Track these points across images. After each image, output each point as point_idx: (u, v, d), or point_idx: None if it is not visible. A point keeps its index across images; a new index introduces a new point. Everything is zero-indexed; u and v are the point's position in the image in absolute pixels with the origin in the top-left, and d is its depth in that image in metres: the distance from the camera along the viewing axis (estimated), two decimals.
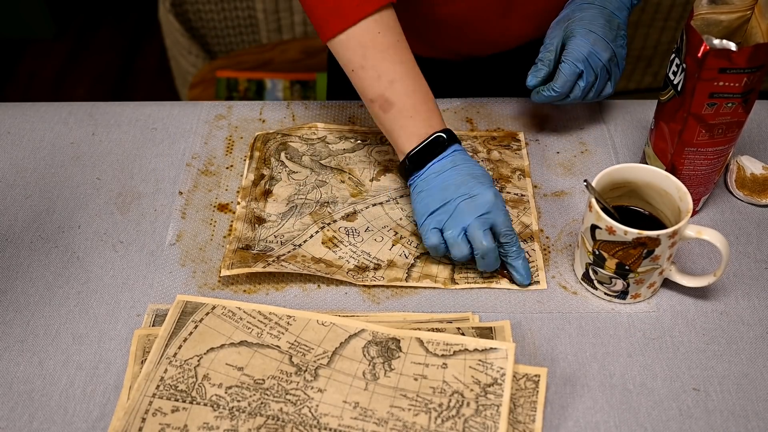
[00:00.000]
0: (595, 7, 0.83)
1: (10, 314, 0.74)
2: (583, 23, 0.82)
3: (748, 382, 0.68)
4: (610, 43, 0.82)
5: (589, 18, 0.82)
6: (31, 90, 2.30)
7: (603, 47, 0.81)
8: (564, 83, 0.82)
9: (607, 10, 0.83)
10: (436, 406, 0.64)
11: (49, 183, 0.87)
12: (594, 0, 0.84)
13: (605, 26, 0.82)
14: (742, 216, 0.82)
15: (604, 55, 0.81)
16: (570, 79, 0.82)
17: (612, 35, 0.82)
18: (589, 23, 0.82)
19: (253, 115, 0.94)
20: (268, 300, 0.75)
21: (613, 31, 0.82)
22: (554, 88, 0.82)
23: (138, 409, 0.64)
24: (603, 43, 0.81)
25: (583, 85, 0.82)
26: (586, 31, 0.81)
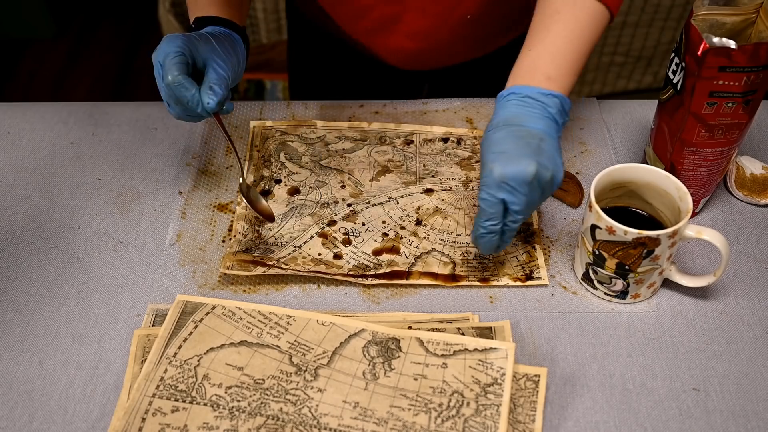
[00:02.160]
0: (500, 129, 0.70)
1: (10, 314, 0.74)
2: (490, 149, 0.69)
3: (748, 382, 0.68)
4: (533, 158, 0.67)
5: (495, 140, 0.70)
6: (31, 90, 2.30)
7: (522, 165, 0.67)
8: (488, 217, 0.69)
9: (515, 127, 0.70)
10: (436, 406, 0.64)
11: (49, 183, 0.87)
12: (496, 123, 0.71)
13: (519, 143, 0.68)
14: (742, 216, 0.82)
15: (525, 173, 0.66)
16: (493, 210, 0.68)
17: (532, 150, 0.68)
18: (496, 145, 0.69)
19: (253, 115, 0.94)
20: (268, 300, 0.75)
21: (531, 146, 0.68)
22: (481, 224, 0.70)
23: (138, 409, 0.64)
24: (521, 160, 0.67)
25: (515, 209, 0.68)
26: (495, 154, 0.68)
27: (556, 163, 0.69)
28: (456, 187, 0.85)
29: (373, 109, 0.95)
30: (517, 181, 0.67)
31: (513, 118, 0.70)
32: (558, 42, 0.73)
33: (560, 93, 0.72)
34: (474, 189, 0.84)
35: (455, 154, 0.89)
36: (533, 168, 0.66)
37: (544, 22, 0.74)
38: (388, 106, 0.95)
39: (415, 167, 0.87)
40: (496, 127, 0.71)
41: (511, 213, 0.69)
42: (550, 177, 0.68)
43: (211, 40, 0.77)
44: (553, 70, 0.72)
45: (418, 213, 0.82)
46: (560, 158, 0.70)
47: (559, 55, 0.73)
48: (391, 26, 0.89)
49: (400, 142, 0.90)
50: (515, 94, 0.72)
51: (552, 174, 0.68)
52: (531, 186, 0.67)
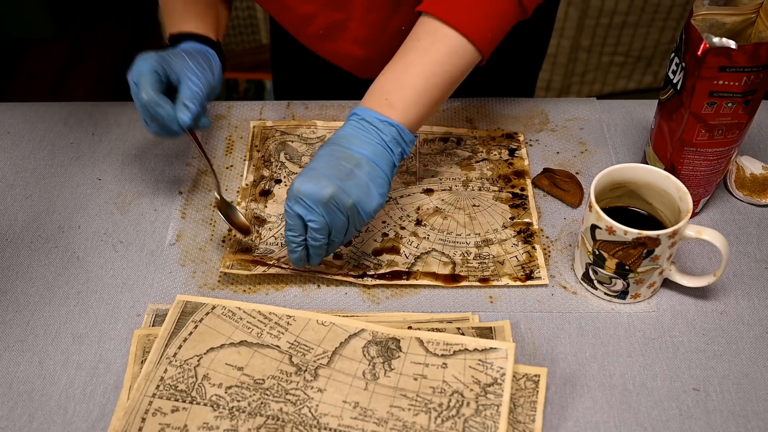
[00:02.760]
0: (326, 146, 0.70)
1: (10, 314, 0.74)
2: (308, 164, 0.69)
3: (748, 382, 0.68)
4: (334, 181, 0.66)
5: (317, 155, 0.69)
6: (31, 90, 2.30)
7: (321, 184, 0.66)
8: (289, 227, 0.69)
9: (339, 147, 0.69)
10: (436, 405, 0.64)
11: (49, 183, 0.87)
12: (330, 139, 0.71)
13: (331, 163, 0.68)
14: (742, 216, 0.82)
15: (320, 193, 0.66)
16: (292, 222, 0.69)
17: (340, 173, 0.67)
18: (314, 160, 0.69)
19: (253, 115, 0.94)
20: (268, 300, 0.75)
21: (342, 169, 0.67)
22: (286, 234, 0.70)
23: (138, 409, 0.64)
24: (321, 179, 0.66)
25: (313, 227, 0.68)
26: (306, 168, 0.68)
27: (365, 192, 0.68)
28: (456, 187, 0.85)
29: None
30: (312, 200, 0.67)
31: (342, 138, 0.70)
32: (410, 71, 0.71)
33: (398, 122, 0.70)
34: (474, 189, 0.85)
35: (455, 154, 0.89)
36: (329, 190, 0.66)
37: (404, 49, 0.73)
38: None
39: (415, 167, 0.87)
40: (326, 144, 0.71)
41: (310, 230, 0.68)
42: (351, 204, 0.67)
43: (184, 57, 0.77)
44: (398, 98, 0.71)
45: (418, 213, 0.82)
46: (377, 188, 0.69)
47: (408, 85, 0.71)
48: (337, 33, 0.88)
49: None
50: (356, 115, 0.71)
51: (354, 201, 0.67)
52: (328, 207, 0.67)
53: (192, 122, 0.75)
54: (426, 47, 0.72)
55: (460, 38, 0.71)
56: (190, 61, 0.77)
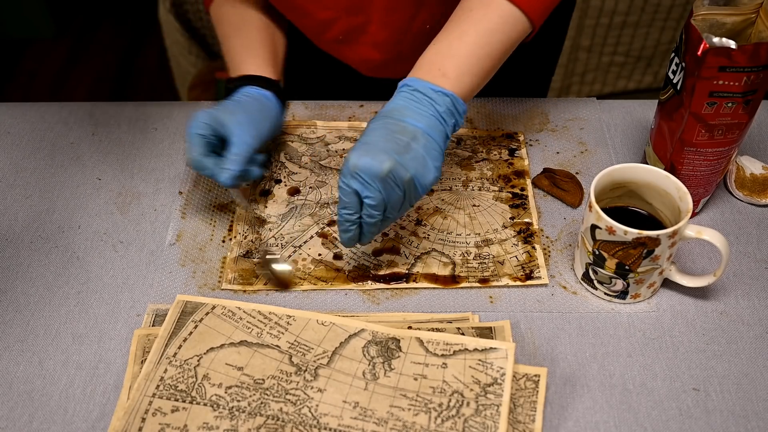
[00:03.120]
0: (379, 119, 0.69)
1: (10, 314, 0.74)
2: (361, 137, 0.69)
3: (748, 382, 0.68)
4: (392, 155, 0.65)
5: (370, 129, 0.68)
6: (31, 90, 2.30)
7: (378, 159, 0.65)
8: (344, 205, 0.68)
9: (392, 120, 0.68)
10: (436, 405, 0.64)
11: (49, 183, 0.87)
12: (382, 111, 0.70)
13: (387, 137, 0.67)
14: (742, 216, 0.82)
15: (378, 168, 0.65)
16: (347, 200, 0.67)
17: (397, 147, 0.66)
18: (367, 134, 0.68)
19: None
20: (268, 300, 0.75)
21: (399, 142, 0.66)
22: (338, 212, 0.69)
23: (138, 409, 0.64)
24: (379, 154, 0.65)
25: (369, 203, 0.66)
26: (360, 143, 0.67)
27: (423, 165, 0.67)
28: (456, 187, 0.85)
29: (373, 109, 0.95)
30: (369, 175, 0.65)
31: (395, 111, 0.69)
32: (464, 40, 0.71)
33: (452, 92, 0.69)
34: (474, 189, 0.85)
35: (455, 154, 0.89)
36: (388, 165, 0.65)
37: (455, 19, 0.72)
38: None
39: None
40: (377, 117, 0.69)
41: (366, 207, 0.67)
42: (409, 178, 0.66)
43: (235, 110, 0.78)
44: (451, 67, 0.70)
45: (418, 213, 0.82)
46: (433, 161, 0.68)
47: (461, 54, 0.70)
48: (356, 37, 0.88)
49: None
50: (408, 86, 0.70)
51: (412, 175, 0.66)
52: (385, 183, 0.65)
53: (233, 181, 0.76)
54: (479, 17, 0.71)
55: (513, 8, 0.71)
56: (241, 114, 0.78)
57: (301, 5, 0.86)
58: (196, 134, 0.76)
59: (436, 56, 0.71)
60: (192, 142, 0.76)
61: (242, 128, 0.77)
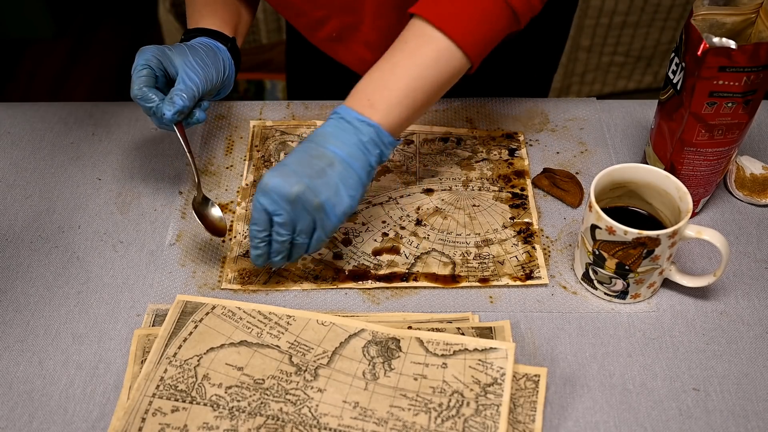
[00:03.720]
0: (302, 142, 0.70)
1: (10, 314, 0.74)
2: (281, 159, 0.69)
3: (748, 382, 0.68)
4: (303, 179, 0.66)
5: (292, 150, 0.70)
6: (31, 90, 2.30)
7: (289, 181, 0.66)
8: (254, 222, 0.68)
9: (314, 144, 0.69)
10: (436, 405, 0.64)
11: (49, 183, 0.87)
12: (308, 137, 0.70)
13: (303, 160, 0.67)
14: (742, 216, 0.82)
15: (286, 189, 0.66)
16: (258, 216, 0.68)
17: (311, 171, 0.67)
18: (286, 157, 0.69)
19: (253, 115, 0.94)
20: (268, 300, 0.75)
21: (314, 167, 0.67)
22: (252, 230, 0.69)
23: (138, 409, 0.64)
24: (291, 176, 0.66)
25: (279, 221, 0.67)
26: (278, 163, 0.68)
27: (335, 192, 0.67)
28: (456, 187, 0.85)
29: None
30: (278, 194, 0.66)
31: (319, 136, 0.69)
32: (396, 72, 0.70)
33: (378, 123, 0.69)
34: (474, 189, 0.85)
35: (455, 154, 0.89)
36: (297, 188, 0.66)
37: (391, 51, 0.72)
38: None
39: (415, 167, 0.87)
40: (302, 141, 0.70)
41: (275, 224, 0.68)
42: (318, 203, 0.67)
43: (186, 51, 0.78)
44: (380, 99, 0.70)
45: (418, 213, 0.82)
46: (347, 190, 0.68)
47: (392, 86, 0.70)
48: (350, 36, 0.88)
49: (400, 142, 0.90)
50: (336, 114, 0.70)
51: (322, 202, 0.67)
52: (294, 205, 0.66)
53: (175, 116, 0.74)
54: (413, 49, 0.71)
55: (448, 42, 0.70)
56: (191, 56, 0.77)
57: (294, 4, 0.86)
58: (143, 65, 0.75)
59: (368, 86, 0.71)
60: (138, 74, 0.75)
61: (191, 68, 0.76)
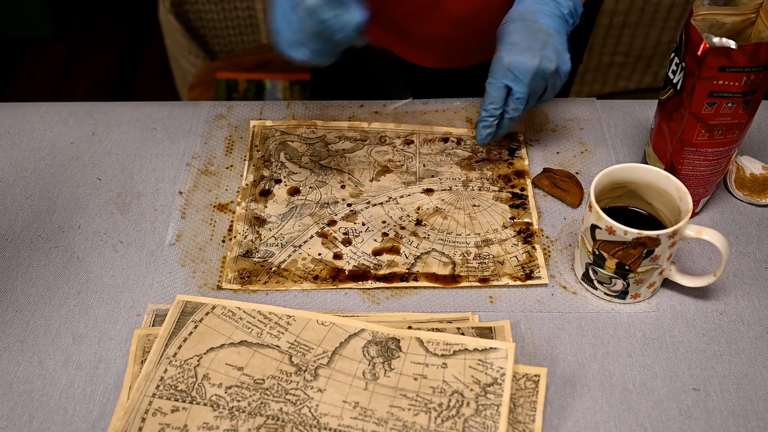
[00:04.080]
0: (514, 22, 0.78)
1: (10, 314, 0.74)
2: (503, 40, 0.77)
3: (748, 382, 0.68)
4: (537, 51, 0.75)
5: (509, 31, 0.77)
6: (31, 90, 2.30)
7: (527, 56, 0.75)
8: (492, 101, 0.78)
9: (528, 21, 0.77)
10: (436, 405, 0.64)
11: (49, 183, 0.87)
12: (513, 16, 0.79)
13: (529, 36, 0.76)
14: (742, 216, 0.82)
15: (529, 63, 0.75)
16: (497, 95, 0.77)
17: (539, 44, 0.76)
18: (509, 36, 0.77)
19: (253, 115, 0.94)
20: (268, 300, 0.75)
21: (539, 40, 0.76)
22: (484, 108, 0.78)
23: (138, 409, 0.64)
24: (527, 52, 0.75)
25: (517, 97, 0.77)
26: (506, 44, 0.77)
27: (561, 57, 0.76)
28: (456, 187, 0.85)
29: (373, 109, 0.95)
30: (521, 70, 0.75)
31: (527, 13, 0.77)
32: None
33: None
34: (474, 189, 0.85)
35: (455, 154, 0.89)
36: (537, 60, 0.74)
37: None
38: (388, 105, 0.95)
39: (415, 167, 0.87)
40: (511, 20, 0.78)
41: (512, 101, 0.77)
42: (554, 68, 0.76)
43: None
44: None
45: (418, 213, 0.82)
46: (567, 53, 0.77)
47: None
48: (431, 12, 0.90)
49: (400, 142, 0.90)
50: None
51: (556, 65, 0.76)
52: (534, 76, 0.75)
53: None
54: None
55: None
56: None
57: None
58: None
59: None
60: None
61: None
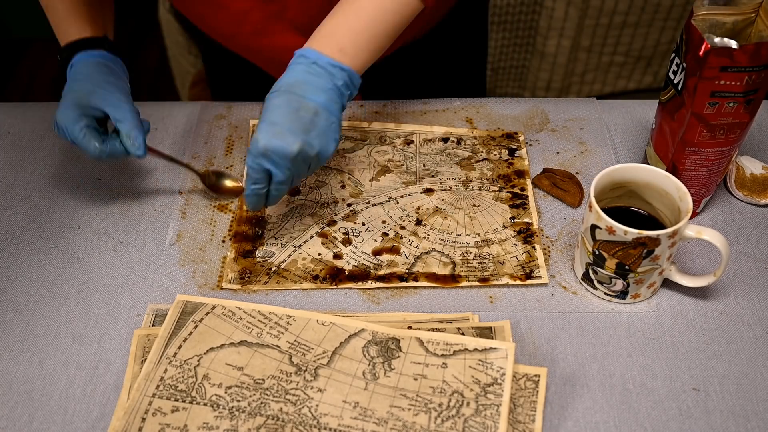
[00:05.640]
0: (280, 95, 0.71)
1: (10, 314, 0.74)
2: (265, 116, 0.71)
3: (748, 382, 0.68)
4: (299, 135, 0.69)
5: (273, 107, 0.71)
6: (31, 90, 2.30)
7: (287, 140, 0.69)
8: (254, 181, 0.72)
9: (295, 95, 0.71)
10: (436, 405, 0.64)
11: (49, 183, 0.87)
12: (280, 86, 0.72)
13: (291, 116, 0.70)
14: (742, 216, 0.82)
15: (288, 149, 0.69)
16: (258, 176, 0.72)
17: (302, 126, 0.70)
18: (271, 113, 0.71)
19: (253, 115, 0.94)
20: (268, 300, 0.75)
21: (303, 120, 0.70)
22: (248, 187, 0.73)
23: (138, 409, 0.64)
24: (288, 135, 0.69)
25: (278, 180, 0.72)
26: (266, 123, 0.70)
27: (325, 140, 0.72)
28: (456, 187, 0.85)
29: (373, 109, 0.95)
30: (280, 156, 0.70)
31: (295, 86, 0.71)
32: (360, 16, 0.73)
33: (350, 67, 0.72)
34: (474, 189, 0.85)
35: (455, 154, 0.89)
36: (297, 146, 0.69)
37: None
38: (388, 106, 0.95)
39: (415, 167, 0.87)
40: (278, 91, 0.72)
41: (275, 183, 0.72)
42: (315, 154, 0.71)
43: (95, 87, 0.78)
44: (348, 43, 0.73)
45: (418, 213, 0.82)
46: (333, 134, 0.72)
47: (358, 30, 0.73)
48: (274, 26, 0.88)
49: (400, 142, 0.90)
50: (305, 58, 0.72)
51: (318, 151, 0.71)
52: (294, 161, 0.70)
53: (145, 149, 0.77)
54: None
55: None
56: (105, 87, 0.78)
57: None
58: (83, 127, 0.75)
59: (335, 30, 0.73)
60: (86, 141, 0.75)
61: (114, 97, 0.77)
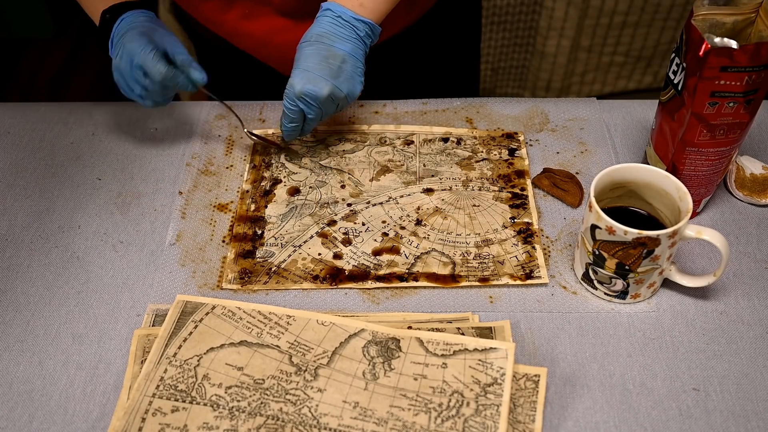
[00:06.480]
0: (310, 45, 0.80)
1: (10, 314, 0.74)
2: (298, 63, 0.80)
3: (748, 382, 0.68)
4: (329, 80, 0.79)
5: (304, 55, 0.80)
6: (31, 90, 2.30)
7: (319, 85, 0.79)
8: (290, 120, 0.82)
9: (323, 45, 0.80)
10: (436, 405, 0.64)
11: (49, 183, 0.87)
12: (309, 37, 0.81)
13: (322, 63, 0.79)
14: (742, 216, 0.82)
15: (320, 93, 0.79)
16: (293, 116, 0.82)
17: (332, 71, 0.79)
18: (303, 61, 0.80)
19: (253, 115, 0.94)
20: (268, 300, 0.75)
21: (332, 67, 0.79)
22: (284, 124, 0.83)
23: (138, 409, 0.64)
24: (319, 81, 0.79)
25: (311, 117, 0.82)
26: (300, 69, 0.80)
27: (352, 84, 0.81)
28: (456, 187, 0.85)
29: (373, 110, 0.95)
30: (312, 98, 0.79)
31: (324, 36, 0.80)
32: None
33: (370, 20, 0.81)
34: (474, 189, 0.85)
35: (455, 154, 0.89)
36: (327, 90, 0.79)
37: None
38: (388, 106, 0.95)
39: (415, 167, 0.87)
40: (308, 41, 0.81)
41: (308, 120, 0.83)
42: (343, 96, 0.81)
43: (156, 27, 0.83)
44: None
45: (418, 213, 0.82)
46: (359, 78, 0.82)
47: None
48: (261, 9, 0.93)
49: (400, 142, 0.90)
50: (331, 12, 0.81)
51: (346, 93, 0.81)
52: (325, 103, 0.80)
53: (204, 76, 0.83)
54: None
55: None
56: (161, 32, 0.83)
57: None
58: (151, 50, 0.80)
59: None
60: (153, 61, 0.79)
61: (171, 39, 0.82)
